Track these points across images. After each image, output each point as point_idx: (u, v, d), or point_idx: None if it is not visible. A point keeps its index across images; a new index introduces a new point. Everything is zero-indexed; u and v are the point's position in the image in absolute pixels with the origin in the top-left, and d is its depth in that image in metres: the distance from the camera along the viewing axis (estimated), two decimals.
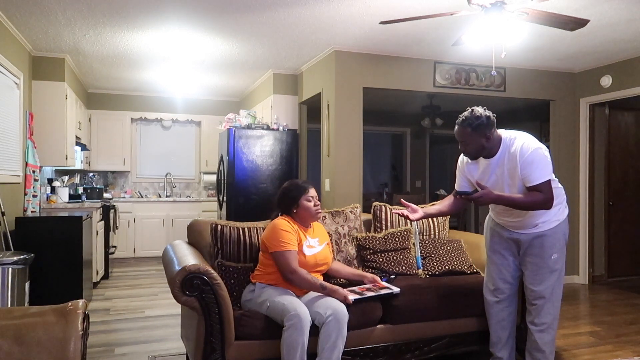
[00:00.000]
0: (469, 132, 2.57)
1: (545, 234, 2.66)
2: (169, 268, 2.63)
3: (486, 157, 2.66)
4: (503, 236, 2.81)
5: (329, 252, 2.88)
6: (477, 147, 2.61)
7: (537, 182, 2.51)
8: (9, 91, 4.37)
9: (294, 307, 2.43)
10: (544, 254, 2.67)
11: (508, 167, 2.59)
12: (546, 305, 2.71)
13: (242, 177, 5.37)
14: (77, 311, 1.61)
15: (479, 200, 2.56)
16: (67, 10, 3.92)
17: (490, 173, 2.65)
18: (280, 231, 2.64)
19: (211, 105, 7.89)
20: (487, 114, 2.57)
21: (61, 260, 4.23)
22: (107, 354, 3.33)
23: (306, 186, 2.80)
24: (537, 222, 2.65)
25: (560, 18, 3.13)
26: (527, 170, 2.51)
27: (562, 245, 2.72)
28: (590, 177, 5.73)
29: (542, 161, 2.51)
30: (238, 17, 4.03)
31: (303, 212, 2.74)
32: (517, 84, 5.50)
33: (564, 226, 2.72)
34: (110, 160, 7.46)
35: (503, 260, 2.82)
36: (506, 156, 2.59)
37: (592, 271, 5.76)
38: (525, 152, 2.52)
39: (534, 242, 2.69)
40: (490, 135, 2.58)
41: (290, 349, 2.37)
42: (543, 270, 2.69)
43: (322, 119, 5.09)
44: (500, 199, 2.56)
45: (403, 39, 4.54)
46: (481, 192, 2.55)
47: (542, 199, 2.51)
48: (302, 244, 2.69)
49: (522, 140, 2.57)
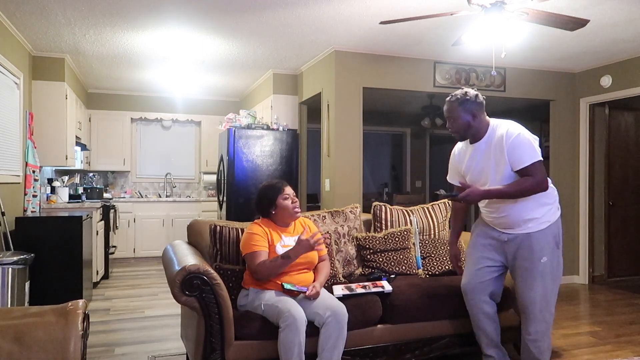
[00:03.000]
0: (455, 107, 2.62)
1: (534, 236, 2.58)
2: (169, 268, 2.63)
3: (473, 141, 2.67)
4: (491, 236, 2.73)
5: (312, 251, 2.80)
6: (463, 125, 2.62)
7: (525, 164, 2.47)
8: (9, 91, 4.37)
9: (288, 308, 2.44)
10: (533, 257, 2.58)
11: (494, 152, 2.57)
12: (539, 313, 2.60)
13: (242, 177, 5.37)
14: (77, 311, 1.61)
15: (467, 199, 2.56)
16: (67, 10, 3.92)
17: (478, 159, 2.64)
18: (248, 234, 2.70)
19: (211, 105, 7.89)
20: (475, 94, 2.63)
21: (61, 260, 4.23)
22: (107, 354, 3.33)
23: (281, 185, 2.79)
24: (526, 218, 2.57)
25: (560, 18, 3.13)
26: (514, 154, 2.49)
27: (552, 248, 2.62)
28: (590, 177, 5.73)
29: (528, 144, 2.50)
30: (238, 17, 4.03)
31: (281, 211, 2.74)
32: (517, 84, 5.50)
33: (554, 228, 2.64)
34: (110, 160, 7.47)
35: (485, 260, 2.76)
36: (493, 141, 2.58)
37: (592, 271, 5.76)
38: (510, 135, 2.51)
39: (522, 245, 2.61)
40: (477, 114, 2.60)
41: (287, 349, 2.38)
42: (533, 274, 2.59)
43: (322, 119, 5.10)
44: (489, 193, 2.54)
45: (403, 39, 4.54)
46: (467, 190, 2.55)
47: (532, 182, 2.47)
48: (274, 244, 2.68)
49: (508, 125, 2.58)
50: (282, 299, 2.54)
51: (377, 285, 2.93)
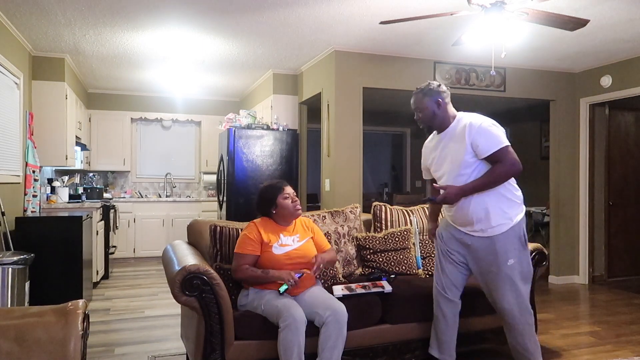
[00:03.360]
0: (420, 98, 2.70)
1: (497, 238, 2.51)
2: (168, 268, 2.63)
3: (439, 131, 2.69)
4: (455, 237, 2.68)
5: (311, 248, 2.81)
6: (429, 115, 2.67)
7: (492, 150, 2.47)
8: (9, 91, 4.37)
9: (288, 309, 2.44)
10: (499, 261, 2.51)
11: (455, 140, 2.58)
12: (519, 317, 2.54)
13: (242, 177, 5.37)
14: (77, 311, 1.61)
15: (445, 201, 2.56)
16: (67, 10, 3.92)
17: (441, 147, 2.66)
18: (242, 235, 2.74)
19: (211, 105, 7.89)
20: (438, 84, 2.70)
21: (61, 260, 4.23)
22: (107, 354, 3.33)
23: (281, 185, 2.80)
24: (485, 214, 2.51)
25: (560, 18, 3.13)
26: (479, 142, 2.49)
27: (519, 249, 2.54)
28: (590, 177, 5.73)
29: (493, 131, 2.51)
30: (238, 17, 4.03)
31: (282, 211, 2.75)
32: (517, 84, 5.50)
33: (518, 229, 2.55)
34: (110, 160, 7.46)
35: (451, 265, 2.72)
36: (456, 130, 2.60)
37: (592, 271, 5.76)
38: (474, 125, 2.53)
39: (486, 249, 2.54)
40: (441, 103, 2.64)
41: (287, 349, 2.38)
42: (502, 279, 2.52)
43: (322, 119, 5.09)
44: (464, 190, 2.52)
45: (403, 39, 4.54)
46: (443, 193, 2.55)
47: (502, 168, 2.46)
48: (270, 244, 2.69)
49: (473, 117, 2.60)
50: (282, 299, 2.55)
51: (377, 285, 2.93)
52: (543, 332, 3.76)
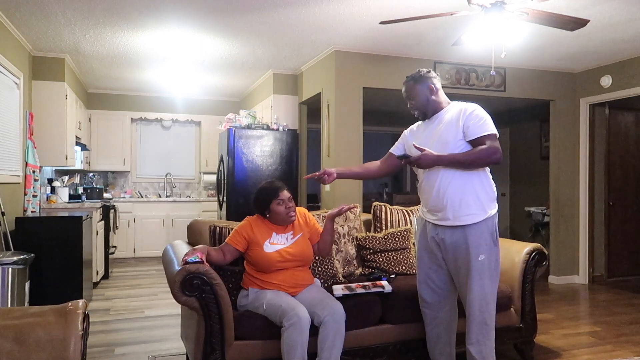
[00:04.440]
0: (412, 86, 2.69)
1: (469, 231, 2.47)
2: (168, 268, 2.63)
3: (431, 115, 2.67)
4: (430, 235, 2.64)
5: (305, 245, 2.79)
6: (422, 101, 2.65)
7: (480, 134, 2.45)
8: (9, 91, 4.37)
9: (292, 307, 2.44)
10: (469, 255, 2.47)
11: (448, 122, 2.55)
12: (478, 314, 2.49)
13: (242, 177, 5.37)
14: (77, 311, 1.61)
15: (419, 162, 2.50)
16: (67, 10, 3.92)
17: (431, 129, 2.63)
18: (236, 227, 2.80)
19: (211, 105, 7.89)
20: (428, 70, 2.70)
21: (61, 260, 4.23)
22: (107, 354, 3.33)
23: (277, 190, 2.74)
24: (460, 200, 2.47)
25: (560, 18, 3.13)
26: (470, 123, 2.47)
27: (490, 245, 2.50)
28: (590, 177, 5.73)
29: (486, 117, 2.51)
30: (238, 17, 4.03)
31: (275, 215, 2.74)
32: (517, 84, 5.50)
33: (490, 223, 2.51)
34: (110, 160, 7.47)
35: (431, 264, 2.68)
36: (450, 114, 2.58)
37: (592, 271, 5.76)
38: (468, 109, 2.53)
39: (458, 242, 2.49)
40: (434, 88, 2.63)
41: (290, 348, 2.38)
42: (470, 273, 2.48)
43: (322, 119, 5.09)
44: (441, 158, 2.47)
45: (403, 39, 4.54)
46: (420, 153, 2.49)
47: (485, 150, 2.41)
48: (261, 243, 2.68)
49: (466, 104, 2.59)
50: (284, 298, 2.55)
51: (377, 285, 2.93)
52: (543, 332, 3.76)
